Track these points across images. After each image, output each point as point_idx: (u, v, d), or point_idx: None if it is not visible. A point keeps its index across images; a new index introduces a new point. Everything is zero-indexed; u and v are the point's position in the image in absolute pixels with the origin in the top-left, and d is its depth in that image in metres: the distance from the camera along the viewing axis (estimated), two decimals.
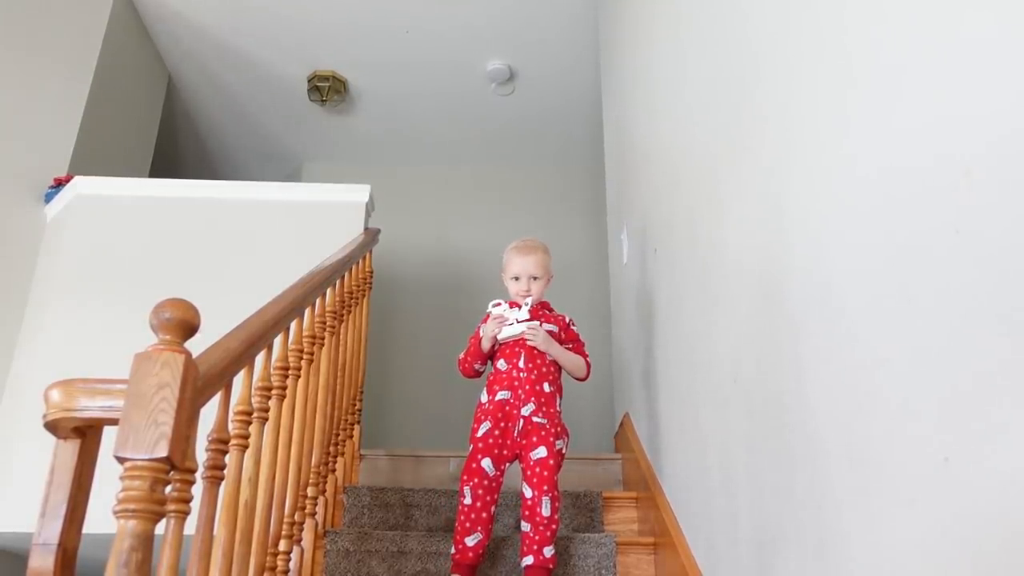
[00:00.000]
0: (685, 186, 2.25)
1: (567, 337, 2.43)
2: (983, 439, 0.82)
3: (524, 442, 2.27)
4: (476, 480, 2.24)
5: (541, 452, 2.24)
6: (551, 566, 2.18)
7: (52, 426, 1.11)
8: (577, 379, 2.42)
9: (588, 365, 2.42)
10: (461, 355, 2.44)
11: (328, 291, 2.50)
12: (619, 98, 3.69)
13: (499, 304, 2.36)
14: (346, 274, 2.74)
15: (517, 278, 2.40)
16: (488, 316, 2.38)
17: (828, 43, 1.26)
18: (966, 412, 0.85)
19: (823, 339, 1.24)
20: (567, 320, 2.46)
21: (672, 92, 2.47)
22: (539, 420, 2.27)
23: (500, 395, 2.31)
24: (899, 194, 1.01)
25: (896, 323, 1.00)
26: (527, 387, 2.30)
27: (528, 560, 2.18)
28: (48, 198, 3.48)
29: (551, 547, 2.19)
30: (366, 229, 3.35)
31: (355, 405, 2.96)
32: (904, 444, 0.98)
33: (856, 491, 1.11)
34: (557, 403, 2.34)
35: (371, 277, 3.18)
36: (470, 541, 2.22)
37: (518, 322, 2.32)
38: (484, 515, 2.23)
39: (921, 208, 0.95)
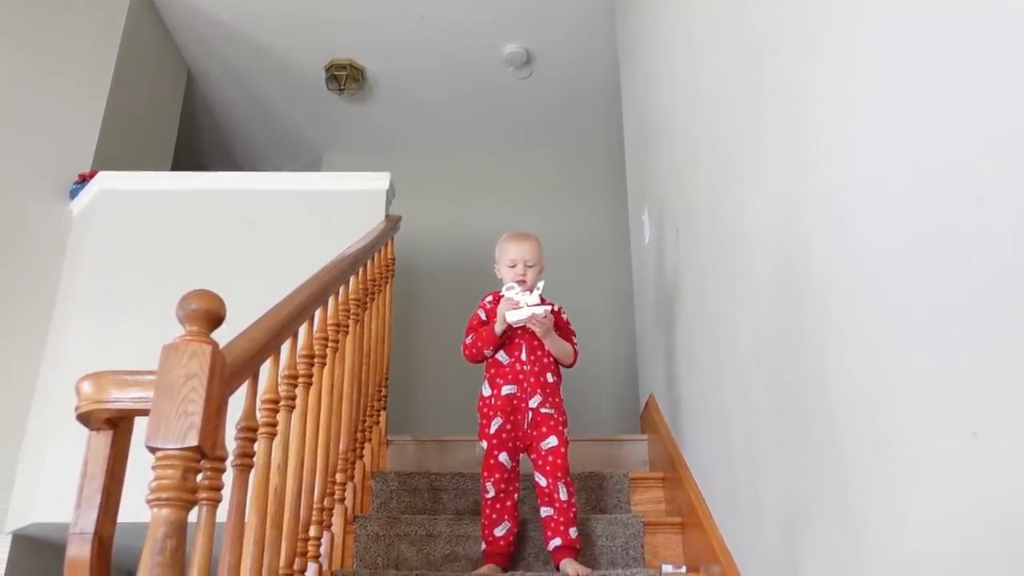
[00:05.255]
0: (705, 164, 2.23)
1: (559, 322, 2.47)
2: (1013, 411, 0.81)
3: (534, 433, 2.31)
4: (497, 475, 2.29)
5: (552, 441, 2.29)
6: (577, 546, 2.21)
7: (84, 418, 1.13)
8: (564, 365, 2.44)
9: (575, 353, 2.45)
10: (467, 340, 2.43)
11: (351, 279, 2.51)
12: (637, 76, 3.67)
13: (513, 287, 2.37)
14: (368, 262, 2.75)
15: (513, 265, 2.40)
16: (500, 299, 2.39)
17: (849, 12, 1.24)
18: (994, 384, 0.84)
19: (846, 317, 1.23)
20: (557, 307, 2.49)
21: (690, 68, 2.45)
22: (547, 411, 2.32)
23: (506, 389, 2.34)
24: (923, 167, 1.00)
25: (921, 297, 0.99)
26: (532, 379, 2.33)
27: (556, 542, 2.21)
28: (73, 194, 3.52)
29: (575, 528, 2.23)
30: (387, 216, 3.36)
31: (381, 392, 2.99)
32: (930, 420, 0.97)
33: (881, 470, 1.11)
34: (560, 392, 2.38)
35: (393, 264, 3.19)
36: (499, 531, 2.26)
37: (528, 306, 2.32)
38: (509, 503, 2.29)
39: (946, 180, 0.94)
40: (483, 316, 2.45)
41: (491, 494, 2.29)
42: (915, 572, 1.01)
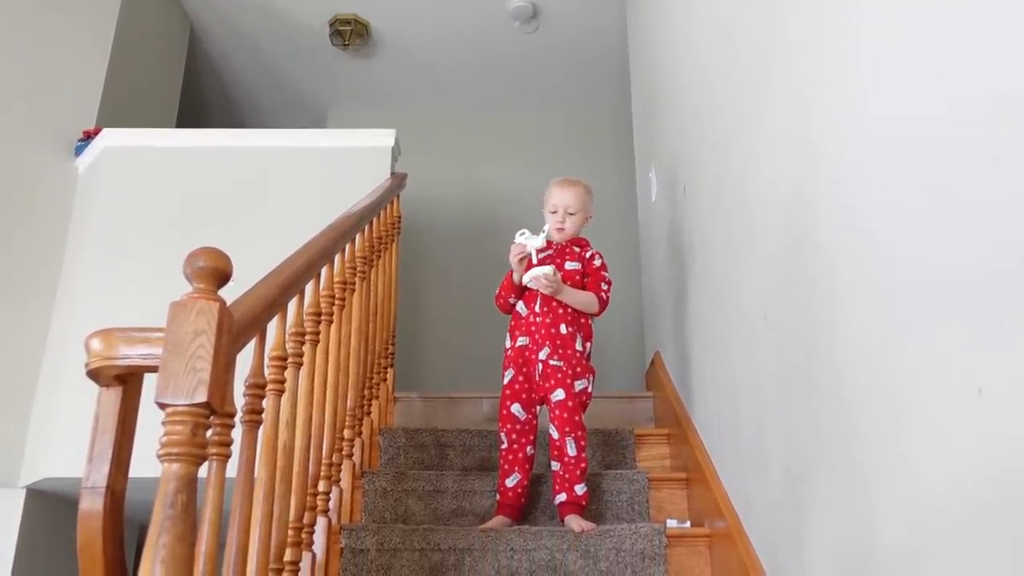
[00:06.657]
0: (711, 122, 2.21)
1: (587, 269, 2.43)
2: (1018, 369, 0.81)
3: (546, 385, 2.31)
4: (509, 425, 2.32)
5: (559, 395, 2.28)
6: (584, 503, 2.23)
7: (94, 374, 1.14)
8: (590, 315, 2.41)
9: (601, 301, 2.39)
10: (497, 291, 2.48)
11: (357, 237, 2.51)
12: (645, 32, 3.62)
13: (523, 232, 2.39)
14: (375, 219, 2.74)
15: (554, 211, 2.41)
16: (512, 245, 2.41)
17: None
18: (1000, 343, 0.84)
19: (853, 275, 1.23)
20: (589, 255, 2.45)
21: (697, 24, 2.41)
22: (555, 363, 2.31)
23: (520, 341, 2.37)
24: (933, 125, 0.98)
25: (928, 255, 0.99)
26: (543, 331, 2.33)
27: (561, 497, 2.23)
28: (78, 151, 3.51)
29: (582, 485, 2.23)
30: (393, 174, 3.34)
31: (388, 349, 3.00)
32: (935, 378, 0.97)
33: (886, 427, 1.11)
34: (577, 343, 2.35)
35: (400, 222, 3.18)
36: (510, 482, 2.28)
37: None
38: (520, 456, 2.30)
39: (956, 138, 0.93)
40: None
41: (504, 444, 2.32)
42: (919, 520, 1.02)
